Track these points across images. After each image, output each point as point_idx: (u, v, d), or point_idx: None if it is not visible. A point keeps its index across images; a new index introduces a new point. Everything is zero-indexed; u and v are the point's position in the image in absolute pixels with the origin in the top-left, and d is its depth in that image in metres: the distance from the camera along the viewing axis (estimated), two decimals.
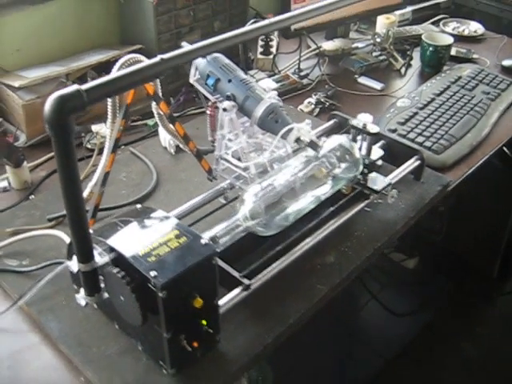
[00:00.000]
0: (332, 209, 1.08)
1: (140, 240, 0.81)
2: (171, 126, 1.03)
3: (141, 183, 1.25)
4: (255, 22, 1.53)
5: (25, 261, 1.05)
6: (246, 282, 0.91)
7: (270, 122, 0.99)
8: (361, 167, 1.06)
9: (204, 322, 0.83)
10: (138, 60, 0.92)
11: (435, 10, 2.08)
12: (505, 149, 1.93)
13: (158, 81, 0.98)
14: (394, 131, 1.40)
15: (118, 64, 0.90)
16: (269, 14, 1.88)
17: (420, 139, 1.37)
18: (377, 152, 1.11)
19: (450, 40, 1.73)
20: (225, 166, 1.07)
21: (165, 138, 1.34)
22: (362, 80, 1.67)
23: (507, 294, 2.24)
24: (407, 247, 2.32)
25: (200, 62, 1.06)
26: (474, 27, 2.00)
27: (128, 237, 0.82)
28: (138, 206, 0.90)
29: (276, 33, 1.80)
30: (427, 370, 1.99)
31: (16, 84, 1.35)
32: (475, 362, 2.04)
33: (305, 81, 1.65)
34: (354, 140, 1.11)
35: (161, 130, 1.37)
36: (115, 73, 0.75)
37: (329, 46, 1.79)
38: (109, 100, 0.96)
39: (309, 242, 1.03)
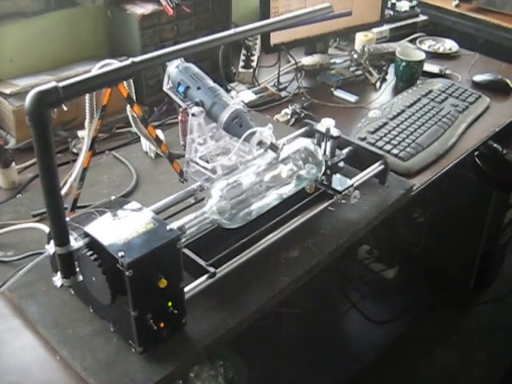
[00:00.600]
0: (297, 206, 1.15)
1: (112, 225, 0.88)
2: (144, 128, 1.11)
3: (121, 184, 1.33)
4: None
5: (9, 252, 1.12)
6: (211, 269, 0.99)
7: (234, 126, 1.07)
8: (323, 168, 1.14)
9: (170, 304, 0.90)
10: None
11: (413, 28, 2.18)
12: (477, 161, 2.02)
13: (131, 83, 1.06)
14: (363, 139, 1.48)
15: (96, 66, 0.99)
16: None
17: (388, 147, 1.46)
18: (339, 154, 1.19)
19: (422, 56, 1.82)
20: (195, 169, 1.15)
21: (145, 143, 1.42)
22: (338, 93, 1.76)
23: (482, 305, 2.30)
24: (387, 258, 2.39)
25: (172, 71, 1.14)
26: (448, 45, 2.09)
27: (101, 224, 0.89)
28: (113, 197, 0.98)
29: (257, 48, 1.89)
30: (403, 375, 2.06)
31: (7, 91, 1.43)
32: (451, 369, 2.11)
33: (283, 93, 1.74)
34: (319, 143, 1.19)
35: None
36: (90, 73, 0.83)
37: (307, 60, 1.89)
38: (87, 101, 1.04)
39: (274, 237, 1.11)
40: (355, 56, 1.88)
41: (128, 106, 1.08)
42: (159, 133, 1.44)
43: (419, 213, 2.31)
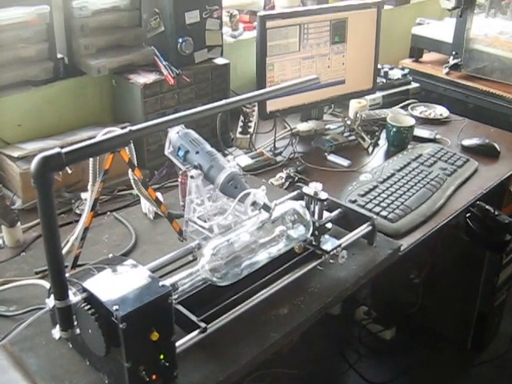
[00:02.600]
0: (287, 265, 1.21)
1: (109, 281, 0.94)
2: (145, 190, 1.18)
3: (121, 244, 1.39)
4: None
5: (12, 307, 1.18)
6: (202, 325, 1.04)
7: (230, 188, 1.14)
8: (311, 229, 1.20)
9: (162, 357, 0.95)
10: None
11: (405, 95, 2.28)
12: (469, 222, 2.07)
13: (132, 149, 1.14)
14: (353, 202, 1.55)
15: (100, 133, 1.07)
16: None
17: (377, 209, 1.52)
18: (328, 216, 1.26)
19: (412, 121, 1.91)
20: (193, 228, 1.21)
21: (145, 204, 1.49)
22: (331, 157, 1.84)
23: (480, 365, 2.31)
24: (384, 319, 2.42)
25: (173, 136, 1.22)
26: (439, 111, 2.19)
27: (99, 279, 0.95)
28: (110, 255, 1.04)
29: (255, 115, 1.99)
30: None
31: (15, 154, 1.52)
32: None
33: (278, 158, 1.82)
34: (308, 206, 1.26)
35: (143, 199, 1.52)
36: (91, 140, 0.91)
37: (303, 126, 1.98)
38: (90, 165, 1.12)
39: (264, 294, 1.16)
40: (348, 122, 1.97)
41: (130, 170, 1.15)
42: (159, 195, 1.52)
43: (415, 273, 2.35)
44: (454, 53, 2.35)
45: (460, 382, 2.30)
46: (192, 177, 1.16)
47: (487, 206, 2.09)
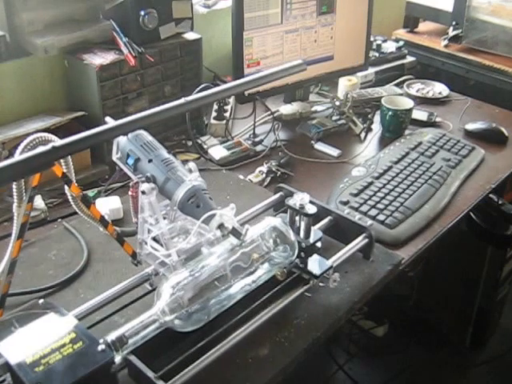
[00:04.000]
0: (266, 296, 0.99)
1: (32, 344, 0.72)
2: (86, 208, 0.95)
3: (71, 262, 1.17)
4: (206, 87, 1.49)
5: None
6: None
7: (190, 207, 0.92)
8: (296, 251, 0.99)
9: None
10: (46, 140, 0.85)
11: (400, 70, 2.05)
12: (472, 214, 1.87)
13: (69, 161, 0.91)
14: (345, 203, 1.33)
15: (21, 145, 0.84)
16: (227, 76, 1.85)
17: (373, 212, 1.31)
18: (316, 234, 1.04)
19: (411, 104, 1.68)
20: (148, 251, 1.00)
21: (101, 210, 1.26)
22: (319, 146, 1.62)
23: (480, 366, 2.14)
24: (376, 314, 2.23)
25: (121, 139, 0.99)
26: (438, 89, 1.96)
27: (20, 339, 0.74)
28: (41, 301, 0.82)
29: (232, 97, 1.75)
30: None
31: None
32: None
33: (259, 147, 1.59)
34: (292, 220, 1.04)
35: (98, 202, 1.30)
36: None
37: (286, 109, 1.75)
38: (14, 183, 0.89)
39: (240, 334, 0.95)
40: (338, 103, 1.74)
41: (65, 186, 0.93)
42: (116, 199, 1.30)
43: (410, 266, 2.16)
44: (453, 23, 2.12)
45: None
46: (143, 192, 0.93)
47: (490, 195, 1.89)
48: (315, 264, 1.04)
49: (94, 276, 1.14)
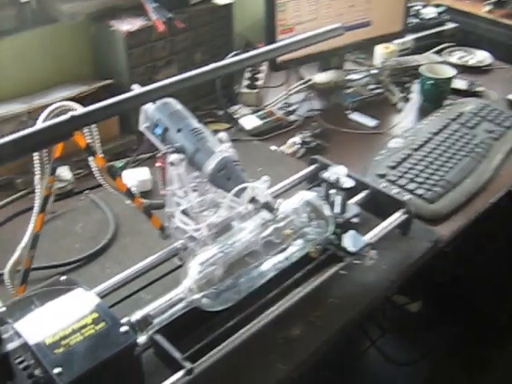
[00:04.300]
0: (299, 274, 0.95)
1: (52, 324, 0.69)
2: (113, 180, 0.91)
3: (97, 235, 1.14)
4: (237, 54, 1.42)
5: None
6: (187, 365, 0.79)
7: (221, 179, 0.87)
8: (332, 227, 0.94)
9: None
10: (68, 109, 0.80)
11: (439, 38, 1.95)
12: None
13: (94, 130, 0.87)
14: (382, 176, 1.27)
15: (43, 114, 0.79)
16: (260, 43, 1.78)
17: (411, 186, 1.24)
18: (352, 209, 0.98)
19: (452, 72, 1.60)
20: (177, 225, 0.95)
21: (127, 183, 1.22)
22: (354, 116, 1.55)
23: None
24: (411, 289, 2.17)
25: (148, 107, 0.95)
26: (481, 56, 1.86)
27: (40, 318, 0.70)
28: (63, 277, 0.78)
29: (265, 65, 1.69)
30: None
31: None
32: None
33: (292, 117, 1.53)
34: (327, 195, 0.99)
35: (125, 174, 1.26)
36: (18, 133, 0.63)
37: (320, 78, 1.67)
38: (35, 154, 0.85)
39: (271, 313, 0.90)
40: (374, 72, 1.66)
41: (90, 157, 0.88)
42: (145, 170, 1.26)
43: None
44: None
45: (495, 363, 2.06)
46: (172, 163, 0.89)
47: None
48: (351, 241, 0.98)
49: (121, 250, 1.11)
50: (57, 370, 0.62)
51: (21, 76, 1.40)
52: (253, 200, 0.86)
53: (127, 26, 1.37)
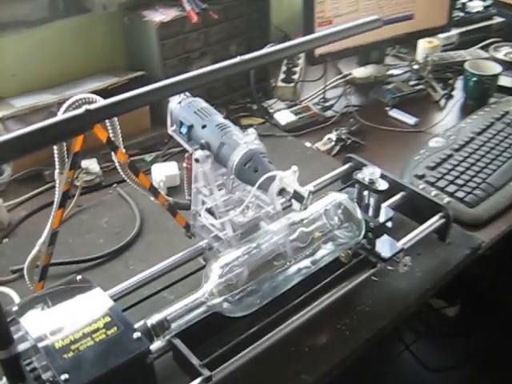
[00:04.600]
0: (327, 280, 0.90)
1: (63, 326, 0.66)
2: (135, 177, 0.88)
3: (123, 231, 1.11)
4: (273, 46, 1.38)
5: None
6: (205, 373, 0.75)
7: (248, 172, 0.83)
8: (363, 231, 0.88)
9: None
10: (90, 101, 0.77)
11: (486, 32, 1.86)
12: None
13: (115, 122, 0.84)
14: (421, 177, 1.21)
15: (63, 107, 0.76)
16: (298, 35, 1.72)
17: (451, 188, 1.18)
18: (386, 212, 0.93)
19: (498, 69, 1.52)
20: (202, 224, 0.92)
21: (156, 178, 1.20)
22: (394, 113, 1.48)
23: None
24: (449, 293, 2.10)
25: (174, 108, 0.91)
26: None
27: (52, 320, 0.67)
28: (79, 276, 0.75)
29: (302, 58, 1.64)
30: None
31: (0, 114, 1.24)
32: None
33: (328, 113, 1.48)
34: (360, 196, 0.93)
35: (154, 168, 1.23)
36: (29, 127, 0.60)
37: (360, 72, 1.61)
38: (55, 148, 0.82)
39: (296, 320, 0.86)
40: (416, 67, 1.59)
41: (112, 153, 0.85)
42: (173, 165, 1.22)
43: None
44: None
45: None
46: (197, 160, 0.85)
47: None
48: (384, 245, 0.93)
49: (146, 247, 1.08)
50: (64, 377, 0.59)
51: (52, 66, 1.39)
52: (282, 191, 0.81)
53: (160, 16, 1.34)
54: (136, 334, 0.64)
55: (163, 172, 1.20)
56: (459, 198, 1.16)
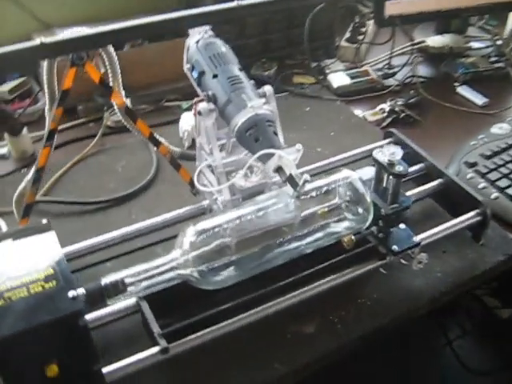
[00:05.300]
0: (326, 263, 0.81)
1: (4, 271, 0.61)
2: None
3: (136, 177, 1.06)
4: None
5: None
6: (162, 343, 0.69)
7: (248, 140, 0.74)
8: (370, 217, 0.78)
9: None
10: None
11: None
12: None
13: (114, 57, 0.77)
14: (472, 165, 1.07)
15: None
16: None
17: (503, 183, 1.04)
18: (405, 200, 0.82)
19: None
20: (204, 182, 0.85)
21: (182, 127, 1.13)
22: (463, 90, 1.34)
23: None
24: (506, 293, 1.94)
25: (192, 45, 0.83)
26: None
27: None
28: (44, 220, 0.70)
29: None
30: None
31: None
32: None
33: (389, 81, 1.35)
34: (379, 178, 0.83)
35: (183, 116, 1.16)
36: None
37: (434, 41, 1.46)
38: (45, 82, 0.77)
39: (283, 302, 0.78)
40: (499, 42, 1.42)
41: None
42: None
43: None
44: None
45: None
46: (200, 113, 0.77)
47: None
48: (398, 236, 0.82)
49: (154, 198, 1.02)
50: None
51: (104, 1, 1.34)
52: (279, 169, 0.72)
53: None
54: (72, 293, 0.58)
55: (190, 122, 1.13)
56: (510, 196, 1.02)
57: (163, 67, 1.23)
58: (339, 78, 1.32)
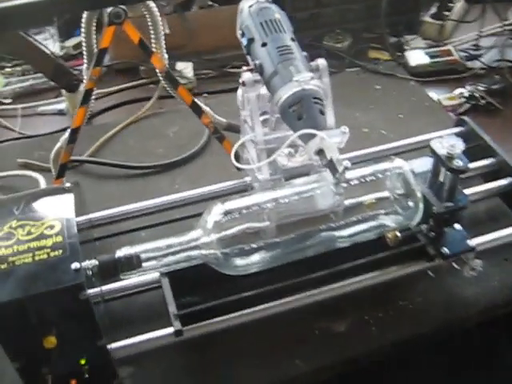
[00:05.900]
0: (368, 259, 0.74)
1: (15, 235, 0.59)
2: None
3: (186, 144, 1.03)
4: None
5: None
6: (176, 325, 0.65)
7: (291, 116, 0.67)
8: (419, 214, 0.70)
9: (83, 362, 0.60)
10: None
11: None
12: None
13: (158, 25, 0.72)
14: None
15: None
16: None
17: None
18: (461, 199, 0.73)
19: None
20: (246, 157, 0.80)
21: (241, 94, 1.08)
22: None
23: None
24: None
25: (245, 9, 0.77)
26: None
27: (9, 225, 0.60)
28: (68, 184, 0.67)
29: None
30: None
31: None
32: None
33: (473, 63, 1.24)
34: (435, 172, 0.74)
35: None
36: None
37: None
38: (83, 41, 0.73)
39: (316, 295, 0.72)
40: None
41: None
42: None
43: None
44: None
45: None
46: (243, 84, 0.71)
47: None
48: (451, 238, 0.74)
49: (201, 168, 0.98)
50: None
51: None
52: (320, 152, 0.65)
53: None
54: (75, 265, 0.55)
55: None
56: None
57: (232, 31, 1.18)
58: (417, 56, 1.22)
